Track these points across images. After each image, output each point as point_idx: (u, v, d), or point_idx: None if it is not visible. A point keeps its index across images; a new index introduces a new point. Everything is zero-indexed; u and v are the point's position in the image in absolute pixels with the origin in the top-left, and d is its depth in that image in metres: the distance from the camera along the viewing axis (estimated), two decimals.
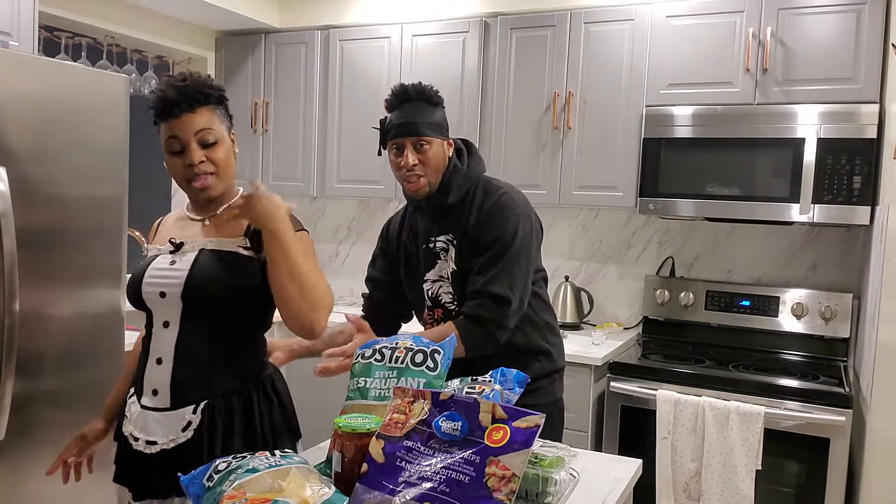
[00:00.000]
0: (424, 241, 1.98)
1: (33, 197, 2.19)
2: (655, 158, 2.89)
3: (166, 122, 1.53)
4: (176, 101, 1.51)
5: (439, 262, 1.95)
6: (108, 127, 2.41)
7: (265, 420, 1.58)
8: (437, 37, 3.35)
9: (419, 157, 1.86)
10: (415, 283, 2.02)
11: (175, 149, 1.54)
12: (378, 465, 1.19)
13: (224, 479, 1.14)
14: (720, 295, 3.11)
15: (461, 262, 1.91)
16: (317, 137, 3.67)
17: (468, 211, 1.91)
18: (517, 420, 1.16)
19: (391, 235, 2.11)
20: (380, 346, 1.53)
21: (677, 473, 2.54)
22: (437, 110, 1.91)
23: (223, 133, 1.57)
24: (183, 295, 1.52)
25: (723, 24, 2.83)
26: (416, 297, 2.03)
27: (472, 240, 1.89)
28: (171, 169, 1.57)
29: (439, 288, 1.96)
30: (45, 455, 2.23)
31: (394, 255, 2.09)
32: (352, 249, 4.05)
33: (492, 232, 1.86)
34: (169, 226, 1.70)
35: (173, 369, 1.54)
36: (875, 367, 2.26)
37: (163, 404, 1.54)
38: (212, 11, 3.49)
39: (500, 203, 1.89)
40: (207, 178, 1.55)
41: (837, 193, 2.61)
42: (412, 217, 2.05)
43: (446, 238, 1.94)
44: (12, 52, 2.25)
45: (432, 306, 1.99)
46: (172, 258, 1.57)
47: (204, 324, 1.55)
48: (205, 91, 1.54)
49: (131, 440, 1.56)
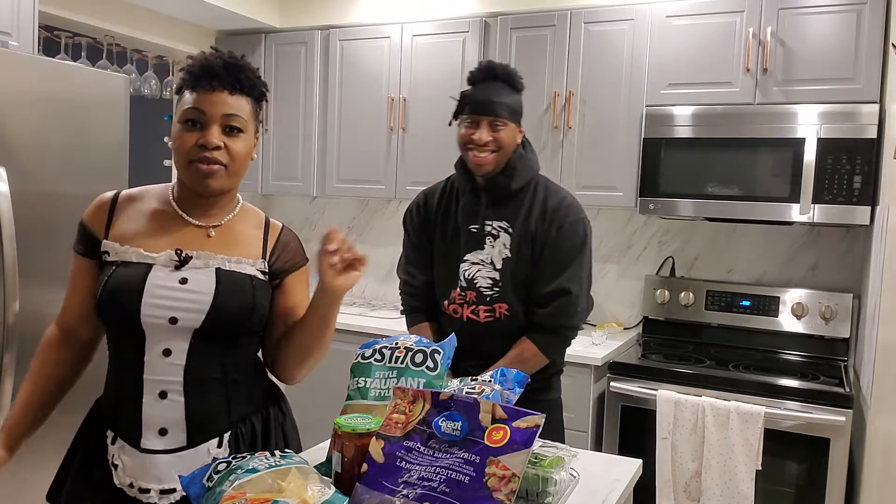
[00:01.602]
0: (473, 223, 1.97)
1: (33, 197, 2.19)
2: (655, 158, 2.89)
3: (195, 92, 1.33)
4: (218, 73, 1.32)
5: (486, 246, 1.95)
6: (108, 127, 2.41)
7: (279, 434, 1.47)
8: (437, 36, 3.35)
9: (492, 135, 1.89)
10: (449, 262, 2.00)
11: (194, 121, 1.32)
12: (378, 465, 1.19)
13: (224, 480, 1.14)
14: (720, 295, 3.10)
15: (518, 251, 1.93)
16: (317, 137, 3.67)
17: (530, 203, 1.95)
18: (517, 420, 1.16)
19: (429, 209, 2.07)
20: (380, 346, 1.52)
21: (677, 473, 2.54)
22: (518, 96, 1.94)
23: (250, 129, 1.38)
24: (204, 324, 1.32)
25: (723, 23, 2.83)
26: (448, 275, 2.01)
27: (537, 235, 1.92)
28: (179, 144, 1.34)
29: (477, 271, 1.95)
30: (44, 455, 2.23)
31: (428, 230, 2.07)
32: None
33: (562, 232, 1.92)
34: (144, 219, 1.41)
35: (186, 403, 1.33)
36: (875, 367, 2.26)
37: (176, 444, 1.33)
38: (212, 11, 3.49)
39: (567, 204, 1.95)
40: (215, 168, 1.33)
41: (837, 193, 2.61)
42: (460, 196, 2.03)
43: (500, 224, 1.95)
44: (12, 52, 2.25)
45: (466, 287, 1.97)
46: (181, 275, 1.34)
47: (216, 350, 1.36)
48: (252, 79, 1.38)
49: (135, 494, 1.34)
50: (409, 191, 3.44)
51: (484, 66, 1.92)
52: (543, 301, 1.92)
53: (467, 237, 1.98)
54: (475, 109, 1.89)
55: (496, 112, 1.88)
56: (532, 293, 1.94)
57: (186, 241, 1.37)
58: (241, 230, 1.43)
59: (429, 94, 3.36)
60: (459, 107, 1.93)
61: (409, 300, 2.11)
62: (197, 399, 1.34)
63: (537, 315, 1.93)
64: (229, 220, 1.43)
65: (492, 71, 1.91)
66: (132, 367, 1.33)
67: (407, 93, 3.41)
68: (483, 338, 1.96)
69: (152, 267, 1.34)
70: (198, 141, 1.31)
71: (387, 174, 3.49)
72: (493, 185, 1.94)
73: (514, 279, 1.94)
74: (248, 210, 1.48)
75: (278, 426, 1.48)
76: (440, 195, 2.07)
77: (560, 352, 2.00)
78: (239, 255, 1.39)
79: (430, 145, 3.36)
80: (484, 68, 1.92)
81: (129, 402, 1.34)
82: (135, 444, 1.33)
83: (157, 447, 1.32)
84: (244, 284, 1.36)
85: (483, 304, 1.95)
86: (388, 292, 3.93)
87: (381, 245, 3.94)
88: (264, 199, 4.18)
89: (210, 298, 1.32)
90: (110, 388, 1.40)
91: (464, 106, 1.92)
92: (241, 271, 1.37)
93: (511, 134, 1.92)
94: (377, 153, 3.51)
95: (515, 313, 1.95)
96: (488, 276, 1.95)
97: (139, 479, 1.33)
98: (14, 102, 2.13)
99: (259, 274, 1.40)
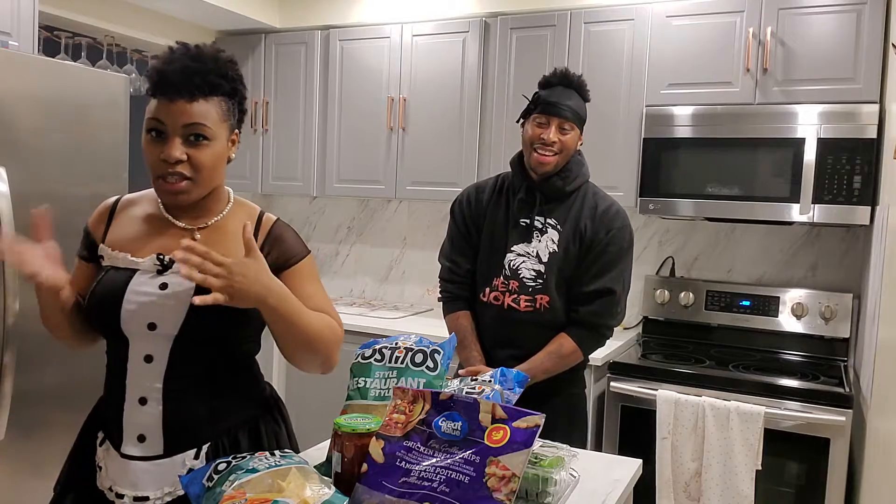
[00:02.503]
0: (524, 217, 2.07)
1: (33, 197, 2.19)
2: (655, 158, 2.89)
3: (156, 99, 1.27)
4: (173, 82, 1.24)
5: (534, 240, 2.04)
6: (108, 127, 2.41)
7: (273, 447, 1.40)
8: (437, 36, 3.35)
9: (559, 137, 1.99)
10: (495, 252, 2.09)
11: (155, 133, 1.27)
12: (378, 465, 1.19)
13: (224, 480, 1.14)
14: (720, 295, 3.10)
15: (565, 248, 2.03)
16: (317, 137, 3.67)
17: (580, 206, 2.06)
18: (517, 420, 1.16)
19: (479, 201, 2.16)
20: (380, 346, 1.53)
21: (677, 473, 2.54)
22: (584, 105, 2.07)
23: (220, 132, 1.30)
24: (182, 330, 1.28)
25: (723, 23, 2.83)
26: (492, 265, 2.09)
27: (586, 235, 2.02)
28: (146, 156, 1.29)
29: (522, 262, 2.04)
30: (44, 455, 2.23)
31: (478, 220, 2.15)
32: (352, 249, 4.04)
33: (610, 236, 2.02)
34: (135, 224, 1.38)
35: (164, 411, 1.30)
36: (875, 367, 2.26)
37: (153, 451, 1.30)
38: (212, 11, 3.49)
39: (616, 211, 2.07)
40: (181, 184, 1.27)
41: (837, 193, 2.61)
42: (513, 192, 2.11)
43: (549, 221, 2.05)
44: (12, 52, 2.25)
45: (509, 276, 2.05)
46: (162, 280, 1.30)
47: (198, 357, 1.31)
48: (213, 80, 1.28)
49: (112, 497, 1.31)
50: (409, 191, 3.44)
51: (560, 73, 2.03)
52: (586, 299, 2.01)
53: (517, 230, 2.07)
54: (547, 110, 1.99)
55: (566, 115, 1.99)
56: (574, 291, 2.03)
57: (172, 244, 1.31)
58: (232, 229, 1.37)
59: (429, 94, 3.36)
60: (530, 107, 2.03)
61: (450, 287, 2.18)
62: (175, 407, 1.30)
63: (579, 312, 2.02)
64: (218, 220, 1.38)
65: (566, 77, 2.02)
66: (118, 372, 1.33)
67: (407, 93, 3.41)
68: (519, 326, 2.04)
69: (136, 272, 1.31)
70: (160, 155, 1.26)
71: (387, 174, 3.49)
72: (548, 184, 2.04)
73: (558, 274, 2.02)
74: (240, 206, 1.42)
75: (272, 438, 1.42)
76: (492, 190, 2.16)
77: (595, 350, 2.10)
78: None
79: (430, 145, 3.36)
80: (560, 74, 2.03)
81: (114, 406, 1.33)
82: (117, 448, 1.32)
83: (136, 453, 1.30)
84: None
85: (525, 293, 2.03)
86: (388, 292, 3.93)
87: (381, 245, 3.94)
88: (264, 199, 4.18)
89: (187, 306, 1.27)
90: (105, 390, 1.39)
91: (536, 106, 2.01)
92: None
93: (574, 139, 2.04)
94: (377, 153, 3.51)
95: (554, 307, 2.03)
96: (533, 267, 2.03)
97: (116, 484, 1.31)
98: (14, 102, 2.13)
99: None
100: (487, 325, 2.10)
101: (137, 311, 1.29)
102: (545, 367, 2.00)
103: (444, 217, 3.75)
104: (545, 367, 2.00)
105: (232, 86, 1.32)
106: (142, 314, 1.29)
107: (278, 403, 1.49)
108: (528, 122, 2.05)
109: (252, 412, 1.41)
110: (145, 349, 1.30)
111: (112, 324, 1.30)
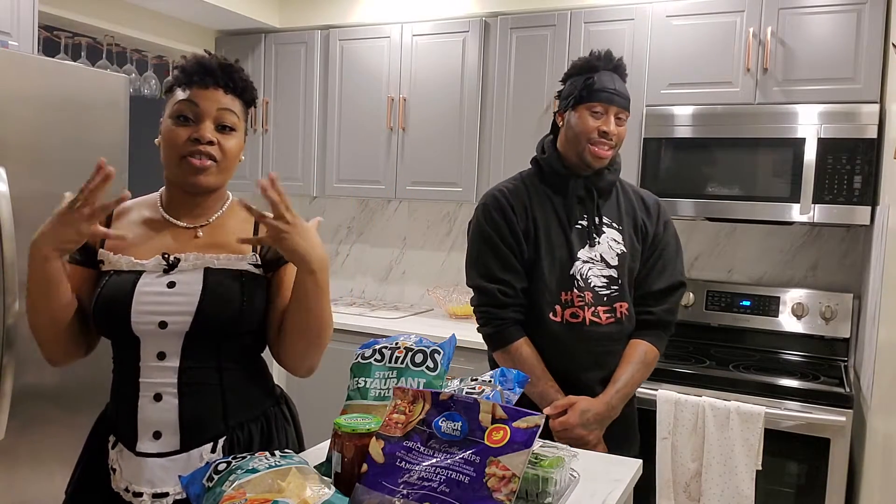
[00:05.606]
0: (579, 219, 1.86)
1: (33, 197, 2.19)
2: (655, 158, 2.89)
3: (190, 88, 1.34)
4: (212, 71, 1.34)
5: (595, 243, 1.84)
6: (108, 127, 2.41)
7: (283, 443, 1.46)
8: (437, 36, 3.35)
9: (617, 129, 1.80)
10: (560, 262, 1.84)
11: (187, 116, 1.33)
12: (378, 466, 1.19)
13: (224, 480, 1.14)
14: (720, 295, 3.10)
15: (631, 246, 1.88)
16: (317, 137, 3.67)
17: (627, 200, 1.91)
18: (517, 420, 1.16)
19: (518, 208, 1.86)
20: (380, 346, 1.52)
21: (677, 473, 2.54)
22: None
23: (241, 129, 1.40)
24: (192, 326, 1.32)
25: (723, 23, 2.83)
26: (559, 278, 1.83)
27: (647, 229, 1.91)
28: (170, 139, 1.34)
29: (589, 270, 1.83)
30: (45, 455, 2.23)
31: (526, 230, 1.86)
32: (352, 249, 4.04)
33: (668, 227, 1.93)
34: (134, 228, 1.41)
35: (181, 406, 1.33)
36: (875, 367, 2.26)
37: (169, 447, 1.33)
38: (212, 11, 3.49)
39: (656, 200, 1.96)
40: (208, 163, 1.34)
41: (838, 193, 2.61)
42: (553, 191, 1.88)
43: (605, 220, 1.87)
44: (12, 52, 2.25)
45: (583, 287, 1.82)
46: (169, 279, 1.34)
47: (211, 352, 1.36)
48: (243, 83, 1.39)
49: (129, 498, 1.33)
50: (409, 191, 3.44)
51: (605, 55, 1.80)
52: (659, 297, 1.88)
53: (574, 233, 1.84)
54: (609, 99, 1.75)
55: (622, 104, 1.78)
56: (643, 290, 1.88)
57: (174, 244, 1.38)
58: (232, 225, 1.42)
59: (429, 94, 3.35)
60: (582, 93, 1.77)
61: (503, 313, 1.84)
62: (191, 402, 1.34)
63: (654, 313, 1.88)
64: (218, 217, 1.42)
65: (611, 60, 1.81)
66: (130, 372, 1.35)
67: (407, 93, 3.41)
68: (604, 342, 1.83)
69: (142, 274, 1.35)
70: (191, 135, 1.32)
71: (387, 174, 3.49)
72: (600, 179, 1.85)
73: (629, 276, 1.86)
74: (239, 204, 1.44)
75: (282, 433, 1.46)
76: (525, 192, 1.88)
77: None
78: (229, 251, 1.38)
79: (430, 145, 3.36)
80: (605, 57, 1.80)
81: (127, 406, 1.35)
82: (131, 447, 1.34)
83: (151, 450, 1.33)
84: (233, 282, 1.36)
85: (601, 304, 1.82)
86: (387, 292, 3.93)
87: (381, 245, 3.94)
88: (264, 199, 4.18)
89: (197, 300, 1.32)
90: (113, 394, 1.41)
91: (590, 93, 1.76)
92: (230, 268, 1.37)
93: (625, 129, 1.85)
94: (377, 153, 3.51)
95: (632, 313, 1.87)
96: (602, 273, 1.83)
97: (133, 483, 1.33)
98: (14, 102, 2.13)
99: (251, 268, 1.39)
100: (562, 348, 1.82)
101: (148, 311, 1.32)
102: (636, 381, 1.81)
103: (445, 217, 3.77)
104: (636, 381, 1.81)
105: (253, 95, 1.43)
106: (153, 314, 1.32)
107: (286, 399, 1.53)
108: (577, 112, 1.79)
109: (263, 406, 1.45)
110: (158, 347, 1.33)
111: (122, 326, 1.33)
